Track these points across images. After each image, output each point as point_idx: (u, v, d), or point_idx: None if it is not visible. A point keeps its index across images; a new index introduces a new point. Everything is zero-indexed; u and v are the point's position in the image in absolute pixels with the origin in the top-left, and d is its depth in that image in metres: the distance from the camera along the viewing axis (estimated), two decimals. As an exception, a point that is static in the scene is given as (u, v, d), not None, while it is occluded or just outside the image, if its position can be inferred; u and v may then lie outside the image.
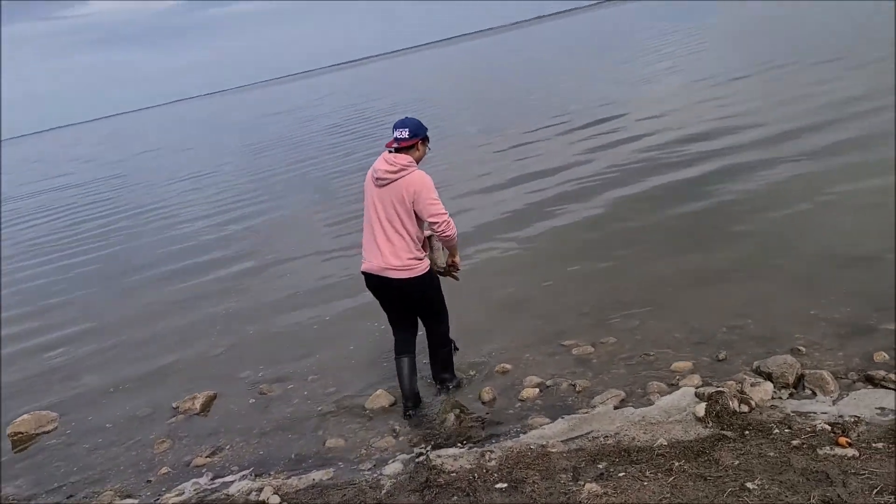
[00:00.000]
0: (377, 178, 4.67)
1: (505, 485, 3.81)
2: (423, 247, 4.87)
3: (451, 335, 5.27)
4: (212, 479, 4.62)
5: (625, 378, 4.88)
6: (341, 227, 11.17)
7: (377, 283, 4.85)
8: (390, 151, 4.70)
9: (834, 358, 4.57)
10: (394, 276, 4.71)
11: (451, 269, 5.21)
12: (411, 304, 4.98)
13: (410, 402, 5.02)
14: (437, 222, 4.63)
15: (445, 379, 5.23)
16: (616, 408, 4.46)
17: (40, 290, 11.46)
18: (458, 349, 5.52)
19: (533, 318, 6.24)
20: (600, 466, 3.81)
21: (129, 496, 4.63)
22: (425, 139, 4.79)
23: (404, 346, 5.07)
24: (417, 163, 4.73)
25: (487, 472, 3.97)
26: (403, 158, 4.63)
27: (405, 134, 4.65)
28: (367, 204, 4.82)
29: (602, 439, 4.10)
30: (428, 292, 4.91)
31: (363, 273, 4.90)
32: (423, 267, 4.79)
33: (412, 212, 4.63)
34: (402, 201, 4.61)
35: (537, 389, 4.93)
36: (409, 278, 4.72)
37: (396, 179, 4.60)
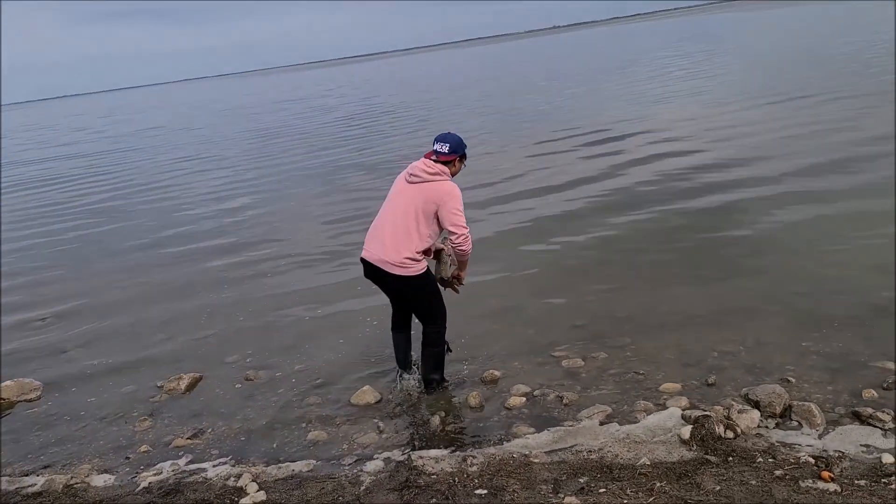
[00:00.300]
0: (411, 175, 4.80)
1: (485, 491, 3.79)
2: (427, 252, 4.91)
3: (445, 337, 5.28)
4: (190, 461, 4.60)
5: (612, 394, 4.86)
6: (343, 224, 11.13)
7: (373, 273, 4.93)
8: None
9: (823, 391, 4.56)
10: (389, 270, 4.78)
11: (454, 282, 5.26)
12: (403, 300, 5.12)
13: (402, 368, 5.38)
14: (457, 233, 4.75)
15: (434, 380, 5.22)
16: (602, 423, 4.45)
17: (31, 262, 11.40)
18: (450, 351, 5.50)
19: (525, 328, 6.22)
20: (581, 481, 3.80)
21: (106, 471, 4.60)
22: (463, 156, 4.95)
23: (401, 322, 5.33)
24: (451, 177, 4.88)
25: (468, 476, 3.96)
26: (442, 167, 4.78)
27: (445, 149, 4.80)
28: (390, 196, 4.94)
29: (585, 454, 4.09)
30: (421, 293, 4.96)
31: (361, 259, 4.99)
32: (419, 268, 4.82)
33: (433, 217, 4.73)
34: (427, 202, 4.71)
35: (524, 398, 4.91)
36: (403, 276, 4.79)
37: (429, 181, 4.74)
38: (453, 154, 4.81)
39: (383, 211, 4.93)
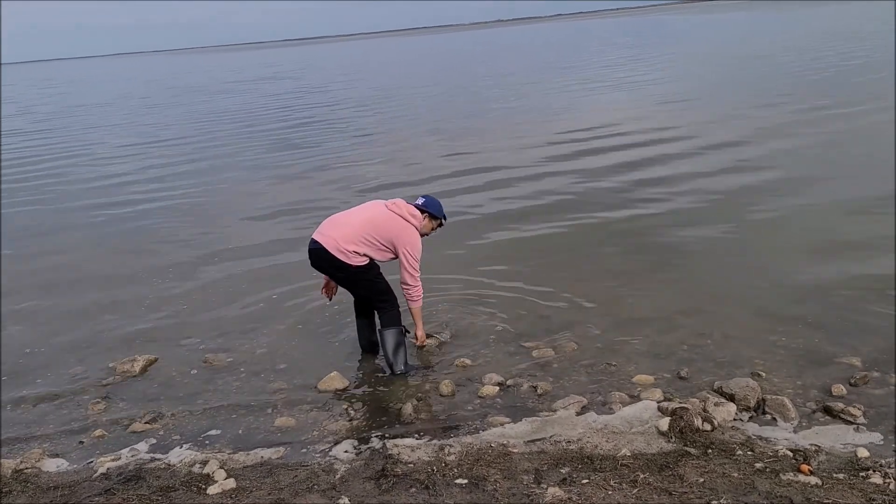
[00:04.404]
0: (392, 203, 5.11)
1: (465, 481, 3.70)
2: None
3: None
4: (151, 447, 4.37)
5: (586, 385, 4.83)
6: (292, 206, 10.88)
7: (318, 258, 5.06)
8: None
9: (793, 385, 4.62)
10: (334, 252, 4.94)
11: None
12: (351, 287, 5.27)
13: (366, 351, 5.56)
14: (409, 284, 5.11)
15: (398, 363, 5.18)
16: (578, 414, 4.41)
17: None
18: (408, 332, 5.38)
19: (491, 318, 6.12)
20: (563, 471, 3.74)
21: (58, 456, 4.34)
22: (434, 217, 5.22)
23: (363, 310, 5.49)
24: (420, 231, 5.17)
25: (447, 466, 3.86)
26: (419, 215, 5.12)
27: (420, 202, 5.21)
28: (362, 205, 5.29)
29: (564, 444, 4.04)
30: (363, 276, 5.10)
31: (309, 249, 5.10)
32: (361, 261, 5.02)
33: (382, 246, 5.02)
34: (389, 231, 4.99)
35: (497, 388, 4.84)
36: (345, 263, 4.98)
37: (404, 218, 5.04)
38: (424, 209, 5.15)
39: (348, 211, 5.24)
